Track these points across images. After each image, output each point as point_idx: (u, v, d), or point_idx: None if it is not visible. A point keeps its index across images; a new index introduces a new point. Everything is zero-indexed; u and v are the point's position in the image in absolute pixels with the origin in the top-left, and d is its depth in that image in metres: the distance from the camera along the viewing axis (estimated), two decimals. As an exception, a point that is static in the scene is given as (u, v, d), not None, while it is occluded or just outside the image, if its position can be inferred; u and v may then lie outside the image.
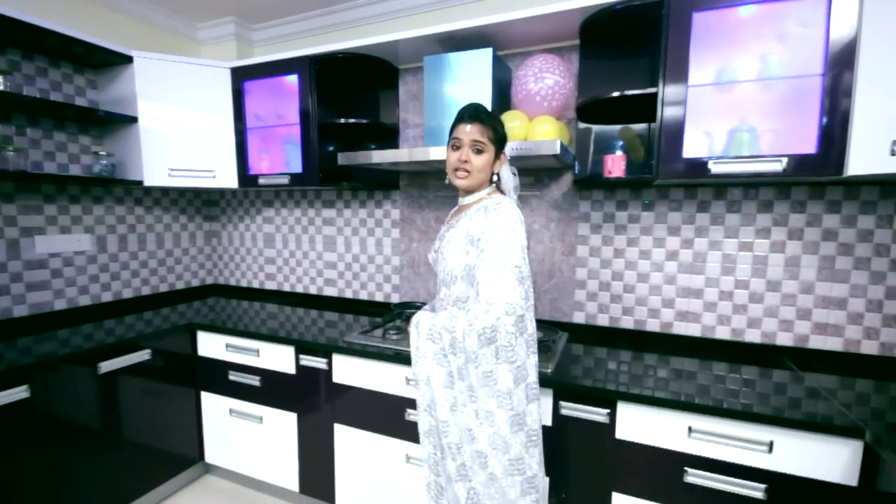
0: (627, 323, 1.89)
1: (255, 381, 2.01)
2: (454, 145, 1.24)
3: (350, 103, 2.28)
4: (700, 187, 1.72)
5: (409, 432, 1.69)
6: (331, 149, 2.18)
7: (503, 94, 1.78)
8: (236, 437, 2.12)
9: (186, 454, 2.17)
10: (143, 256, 2.49)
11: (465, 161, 1.21)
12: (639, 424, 1.36)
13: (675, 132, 1.43)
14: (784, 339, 1.68)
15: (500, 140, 1.24)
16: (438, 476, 1.20)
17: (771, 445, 1.22)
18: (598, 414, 1.40)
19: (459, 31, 1.75)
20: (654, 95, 1.46)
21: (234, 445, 2.13)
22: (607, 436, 1.40)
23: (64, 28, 1.82)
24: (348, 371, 1.79)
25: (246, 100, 2.24)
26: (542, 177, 1.97)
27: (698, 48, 1.40)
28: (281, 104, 2.16)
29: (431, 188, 2.20)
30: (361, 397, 1.78)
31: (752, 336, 1.71)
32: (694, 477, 1.30)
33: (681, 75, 1.41)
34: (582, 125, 1.82)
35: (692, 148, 1.43)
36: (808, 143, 1.32)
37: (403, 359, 1.65)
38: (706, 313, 1.76)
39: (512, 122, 1.67)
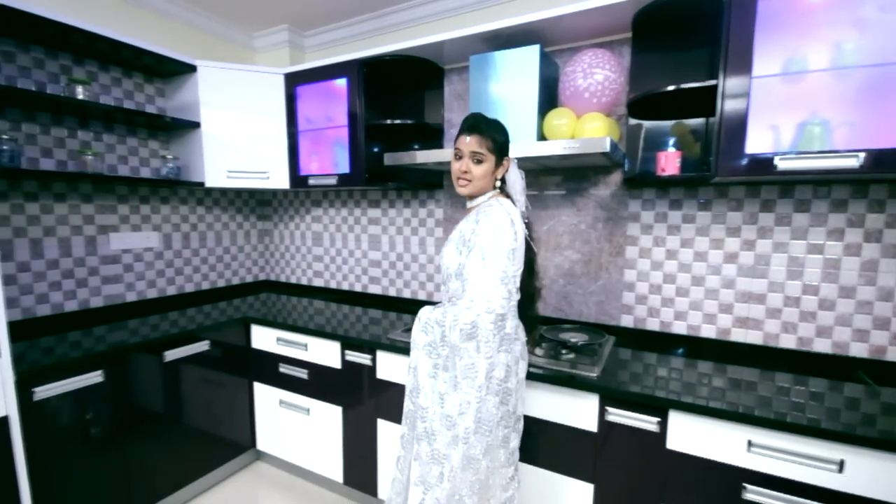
0: (680, 328, 1.80)
1: (303, 374, 2.09)
2: (457, 155, 1.29)
3: (396, 104, 2.31)
4: (764, 185, 1.61)
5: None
6: (377, 149, 2.23)
7: (550, 92, 1.75)
8: (285, 427, 2.21)
9: (240, 441, 2.29)
10: (204, 253, 2.65)
11: (466, 171, 1.27)
12: (692, 435, 1.29)
13: (737, 127, 1.34)
14: (858, 350, 1.54)
15: (499, 148, 1.28)
16: (408, 453, 1.32)
17: (841, 465, 1.12)
18: (647, 422, 1.34)
19: (506, 28, 1.74)
20: (714, 88, 1.38)
21: (283, 435, 2.23)
22: (657, 445, 1.34)
23: (136, 40, 1.97)
24: (392, 368, 1.82)
25: (298, 104, 2.33)
26: (590, 175, 1.91)
27: (764, 37, 1.31)
28: (330, 107, 2.23)
29: (475, 188, 2.20)
30: (404, 394, 1.80)
31: (822, 346, 1.59)
32: (753, 494, 1.22)
33: (744, 66, 1.33)
34: (633, 121, 1.76)
35: (756, 143, 1.35)
36: (888, 137, 1.21)
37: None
38: (769, 320, 1.65)
39: (559, 119, 1.63)
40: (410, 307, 2.43)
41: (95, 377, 1.67)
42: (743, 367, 1.56)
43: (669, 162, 1.55)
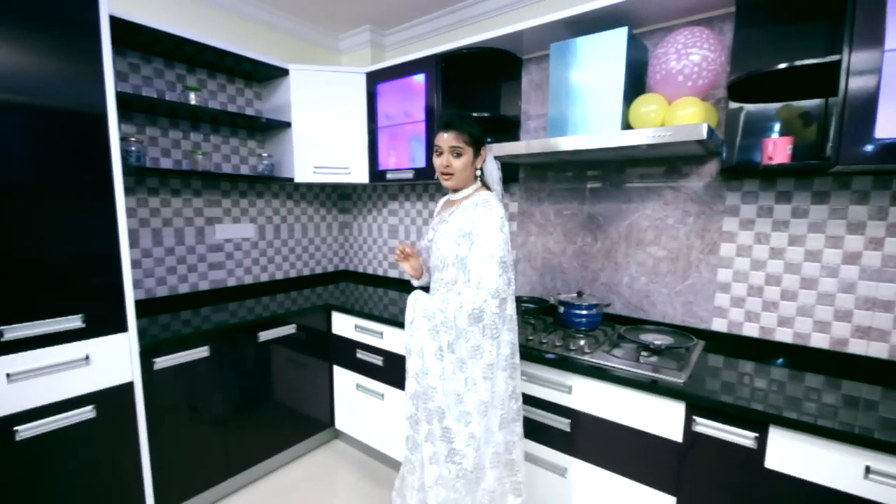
0: (784, 335, 1.61)
1: (378, 360, 2.18)
2: (437, 152, 1.40)
3: (472, 97, 2.31)
4: (897, 175, 1.39)
5: (527, 429, 1.67)
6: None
7: (637, 77, 1.64)
8: (361, 410, 2.32)
9: (320, 419, 2.45)
10: (292, 244, 2.86)
11: (448, 165, 1.37)
12: (797, 455, 1.16)
13: (865, 108, 1.16)
14: None
15: (476, 141, 1.37)
16: (417, 433, 1.36)
17: None
18: (743, 437, 1.22)
19: (591, 12, 1.65)
20: (835, 65, 1.21)
21: (359, 416, 2.35)
22: (754, 463, 1.22)
23: (237, 48, 2.16)
24: (464, 360, 1.84)
25: (378, 101, 2.42)
26: (680, 165, 1.77)
27: (902, 1, 1.12)
28: (408, 103, 2.29)
29: (551, 180, 2.13)
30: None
31: (971, 365, 1.34)
32: (874, 528, 1.06)
33: (874, 38, 1.14)
34: (732, 105, 1.59)
35: (888, 126, 1.15)
36: None
37: (520, 354, 1.64)
38: (899, 331, 1.42)
39: (647, 106, 1.53)
40: (482, 301, 2.43)
41: (203, 352, 1.88)
42: (862, 384, 1.36)
43: (778, 149, 1.39)
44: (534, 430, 1.65)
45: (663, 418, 1.36)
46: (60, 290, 1.47)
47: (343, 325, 2.35)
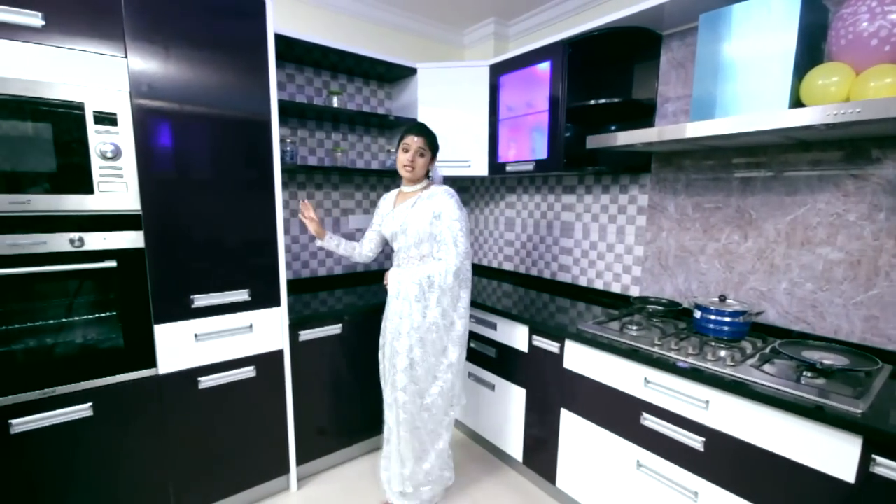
0: None
1: (491, 351, 2.20)
2: (404, 149, 1.75)
3: (600, 83, 2.16)
4: None
5: (645, 438, 1.55)
6: (572, 134, 2.14)
7: (812, 44, 1.37)
8: (472, 398, 2.37)
9: (435, 402, 2.57)
10: (413, 234, 3.02)
11: (413, 160, 1.75)
12: None
13: None
14: None
15: (434, 149, 1.80)
16: (393, 369, 1.76)
17: None
18: (951, 491, 0.97)
19: (749, -26, 1.43)
20: None
21: (469, 404, 2.40)
22: (968, 527, 0.96)
23: (373, 52, 2.33)
24: (580, 359, 1.76)
25: (500, 93, 2.41)
26: (868, 149, 1.44)
27: None
28: (531, 93, 2.23)
29: (689, 170, 1.91)
30: (592, 389, 1.72)
31: None
32: None
33: None
34: (954, 71, 1.24)
35: None
36: None
37: (642, 357, 1.52)
38: None
39: (827, 78, 1.26)
40: (601, 299, 2.30)
41: (336, 329, 2.10)
42: None
43: None
44: (659, 444, 1.52)
45: (829, 452, 1.14)
46: (234, 269, 1.76)
47: (459, 314, 2.41)
